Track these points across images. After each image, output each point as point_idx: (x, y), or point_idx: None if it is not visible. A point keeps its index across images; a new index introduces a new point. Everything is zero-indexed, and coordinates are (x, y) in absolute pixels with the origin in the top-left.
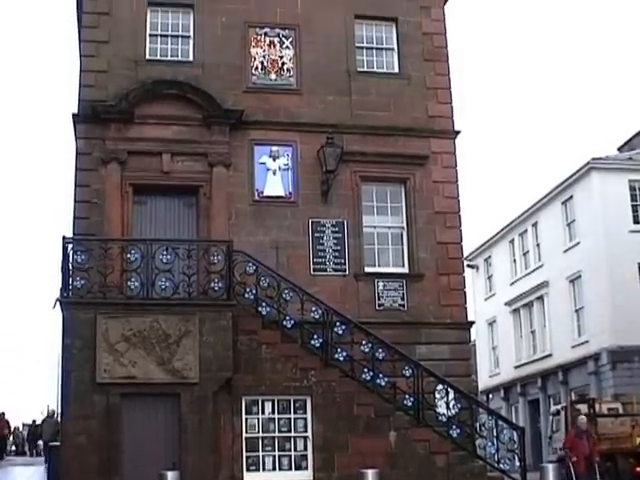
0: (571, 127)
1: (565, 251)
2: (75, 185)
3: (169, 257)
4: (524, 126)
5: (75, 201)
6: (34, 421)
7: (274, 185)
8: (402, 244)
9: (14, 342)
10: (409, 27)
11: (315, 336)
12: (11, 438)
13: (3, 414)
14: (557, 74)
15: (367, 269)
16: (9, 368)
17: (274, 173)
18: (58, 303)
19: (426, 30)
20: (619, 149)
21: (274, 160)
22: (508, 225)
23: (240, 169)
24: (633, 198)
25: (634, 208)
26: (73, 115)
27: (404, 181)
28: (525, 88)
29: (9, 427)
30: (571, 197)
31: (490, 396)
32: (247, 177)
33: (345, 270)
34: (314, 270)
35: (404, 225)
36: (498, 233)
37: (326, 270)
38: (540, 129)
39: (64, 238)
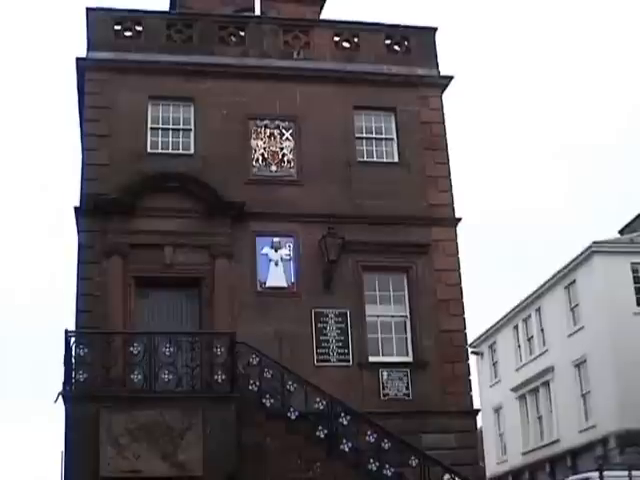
0: (571, 211)
1: (569, 335)
2: (77, 278)
3: (172, 350)
4: (525, 211)
5: (77, 294)
6: None
7: (276, 276)
8: (406, 333)
9: (15, 436)
10: (408, 117)
11: (320, 427)
12: None
13: None
14: (557, 158)
15: (371, 359)
16: (10, 462)
17: (276, 264)
18: (61, 397)
19: (424, 119)
20: (620, 232)
21: (276, 251)
22: (512, 311)
23: (242, 260)
24: (636, 280)
25: (637, 290)
26: (75, 208)
27: (406, 270)
28: (525, 172)
29: None
30: (574, 281)
31: None
32: (249, 268)
33: (349, 360)
34: (318, 360)
35: (407, 314)
36: (502, 319)
37: (330, 360)
38: (540, 214)
39: (67, 332)
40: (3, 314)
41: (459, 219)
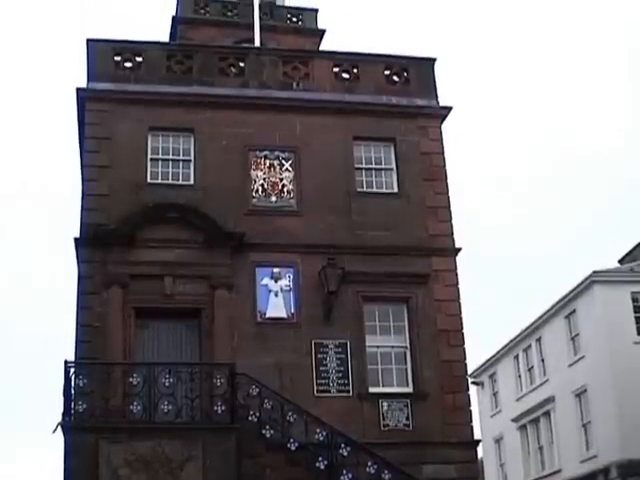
0: (571, 240)
1: (570, 365)
2: (77, 308)
3: (172, 380)
4: (525, 240)
5: (77, 324)
6: None
7: (276, 306)
8: (406, 363)
9: (14, 467)
10: (407, 147)
11: (320, 458)
12: None
13: None
14: (557, 187)
15: (371, 389)
16: None
17: (276, 294)
18: (60, 427)
19: (424, 150)
20: (620, 261)
21: (276, 281)
22: (512, 341)
23: (242, 291)
24: (636, 310)
25: (638, 320)
26: (75, 239)
27: (406, 300)
28: (525, 201)
29: None
30: (574, 311)
31: None
32: (249, 299)
33: (349, 391)
34: (318, 391)
35: (407, 344)
36: (502, 349)
37: (330, 391)
38: (541, 242)
39: (66, 362)
40: (2, 342)
41: (459, 249)
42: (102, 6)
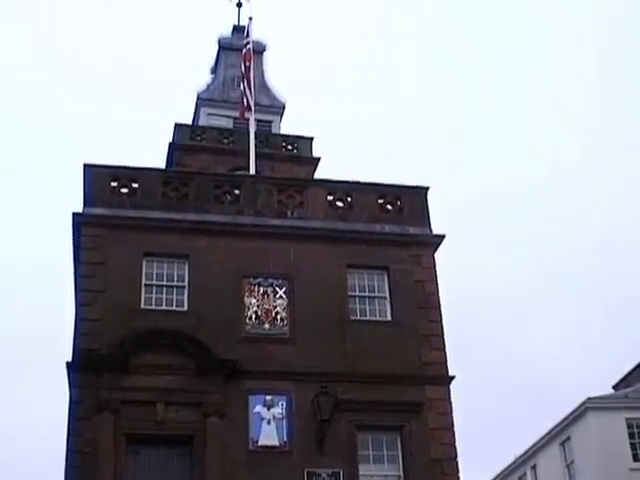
0: (565, 366)
1: None
2: (68, 434)
3: None
4: (519, 366)
5: (67, 449)
6: None
7: (269, 434)
8: None
9: None
10: (400, 275)
11: None
12: None
13: None
14: (550, 316)
15: None
16: None
17: (269, 422)
18: None
19: (417, 278)
20: (614, 387)
21: (268, 409)
22: (507, 468)
23: (234, 418)
24: (631, 436)
25: (633, 446)
26: (67, 363)
27: (400, 429)
28: (518, 326)
29: None
30: (569, 438)
31: None
32: (241, 426)
33: None
34: None
35: (401, 473)
36: (497, 477)
37: None
38: (534, 368)
39: None
40: None
41: (452, 377)
42: (99, 131)
